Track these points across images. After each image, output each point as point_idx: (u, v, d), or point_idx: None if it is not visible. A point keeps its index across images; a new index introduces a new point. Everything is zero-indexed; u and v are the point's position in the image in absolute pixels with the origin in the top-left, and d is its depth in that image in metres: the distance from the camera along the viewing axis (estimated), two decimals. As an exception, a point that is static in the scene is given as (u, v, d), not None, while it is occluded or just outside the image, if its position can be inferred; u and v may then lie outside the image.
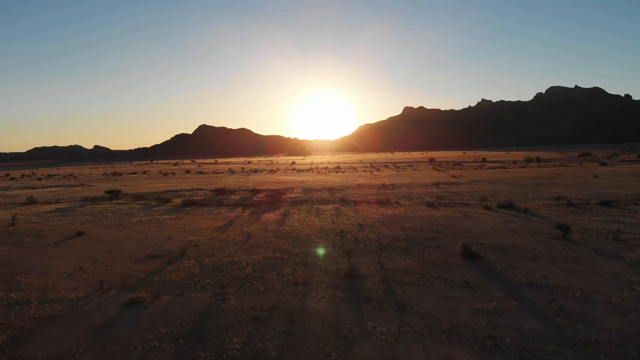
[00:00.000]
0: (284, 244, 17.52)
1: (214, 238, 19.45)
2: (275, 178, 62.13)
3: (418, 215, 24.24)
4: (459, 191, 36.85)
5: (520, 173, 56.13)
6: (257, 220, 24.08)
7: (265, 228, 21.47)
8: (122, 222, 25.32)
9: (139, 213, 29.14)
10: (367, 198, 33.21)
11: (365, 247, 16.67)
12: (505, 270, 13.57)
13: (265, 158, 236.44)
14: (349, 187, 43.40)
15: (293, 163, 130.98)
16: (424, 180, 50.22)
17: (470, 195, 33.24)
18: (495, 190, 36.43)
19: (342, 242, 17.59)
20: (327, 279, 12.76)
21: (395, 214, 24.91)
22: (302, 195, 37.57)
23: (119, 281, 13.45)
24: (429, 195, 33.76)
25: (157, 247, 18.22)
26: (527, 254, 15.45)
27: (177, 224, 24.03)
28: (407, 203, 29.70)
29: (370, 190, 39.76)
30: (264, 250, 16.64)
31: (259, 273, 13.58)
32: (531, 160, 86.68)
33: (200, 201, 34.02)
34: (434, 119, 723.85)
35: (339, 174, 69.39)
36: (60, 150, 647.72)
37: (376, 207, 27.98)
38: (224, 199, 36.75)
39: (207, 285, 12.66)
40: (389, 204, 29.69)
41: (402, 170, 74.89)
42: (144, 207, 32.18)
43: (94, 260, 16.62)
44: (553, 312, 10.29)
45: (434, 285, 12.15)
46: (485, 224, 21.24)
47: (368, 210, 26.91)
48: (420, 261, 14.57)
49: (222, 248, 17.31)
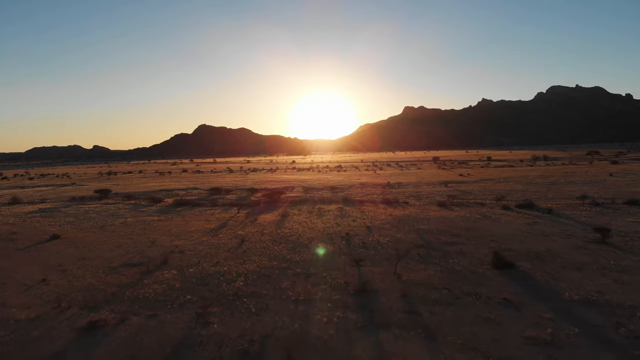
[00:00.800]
0: (283, 250, 15.20)
1: (203, 242, 17.13)
2: (275, 177, 59.81)
3: (431, 216, 21.91)
4: (470, 190, 34.52)
5: (530, 171, 53.79)
6: (253, 222, 21.76)
7: (262, 231, 19.14)
8: (104, 224, 23.01)
9: (125, 214, 26.82)
10: (373, 197, 30.89)
11: (376, 254, 14.34)
12: (547, 282, 11.26)
13: (264, 157, 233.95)
14: (352, 186, 41.07)
15: (293, 162, 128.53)
16: (431, 178, 47.87)
17: (484, 195, 30.92)
18: (508, 189, 34.11)
19: (349, 248, 15.27)
20: (334, 295, 10.44)
21: (406, 214, 22.58)
22: (303, 194, 35.26)
23: (83, 297, 11.15)
24: (439, 195, 31.43)
25: (136, 253, 15.91)
26: (568, 261, 13.14)
27: (164, 226, 21.71)
28: (417, 203, 27.37)
29: (375, 189, 37.43)
30: (258, 257, 14.32)
31: (252, 287, 11.26)
32: (538, 159, 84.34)
33: (193, 201, 31.70)
34: (434, 118, 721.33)
35: (341, 172, 67.05)
36: (60, 150, 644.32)
37: (383, 207, 25.65)
38: (219, 198, 34.43)
39: (188, 303, 10.35)
40: (397, 203, 27.36)
41: (406, 168, 72.50)
42: (132, 208, 29.87)
43: (63, 269, 14.32)
44: (626, 340, 7.99)
45: (467, 304, 9.83)
46: (508, 226, 18.92)
47: (375, 210, 24.58)
48: (444, 271, 12.25)
49: (211, 255, 14.99)
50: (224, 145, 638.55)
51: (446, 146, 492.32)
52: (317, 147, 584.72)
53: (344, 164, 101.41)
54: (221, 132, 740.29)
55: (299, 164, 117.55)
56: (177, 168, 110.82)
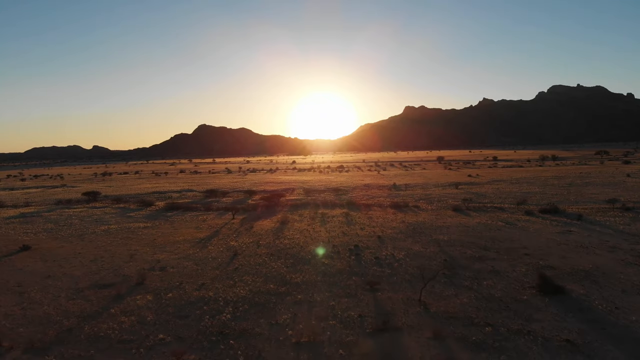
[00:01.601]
0: (281, 268, 12.90)
1: (189, 256, 14.84)
2: (274, 178, 57.49)
3: (449, 223, 19.60)
4: (483, 192, 32.19)
5: (541, 172, 51.42)
6: (248, 230, 19.46)
7: (258, 241, 16.84)
8: (84, 232, 20.72)
9: (110, 219, 24.55)
10: (380, 201, 28.59)
11: (393, 273, 12.04)
12: (612, 314, 8.95)
13: (264, 158, 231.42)
14: (356, 188, 38.76)
15: (293, 162, 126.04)
16: (439, 179, 45.54)
17: (500, 197, 28.61)
18: (524, 192, 31.78)
19: (360, 265, 12.95)
20: (347, 336, 8.14)
21: (420, 221, 20.27)
22: (304, 197, 32.96)
23: (32, 333, 8.87)
24: (451, 197, 29.12)
25: (111, 270, 13.62)
26: (625, 284, 10.84)
27: (149, 234, 19.41)
28: (429, 207, 25.05)
29: (381, 192, 35.11)
30: (252, 277, 12.02)
31: (241, 321, 8.96)
32: (546, 159, 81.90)
33: (186, 205, 29.40)
34: (435, 118, 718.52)
35: (343, 173, 64.72)
36: (59, 150, 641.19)
37: (393, 212, 23.35)
38: (214, 202, 32.14)
39: (158, 345, 8.05)
40: (407, 208, 25.06)
41: (411, 169, 70.12)
42: (119, 212, 27.60)
43: (21, 291, 12.05)
44: None
45: (521, 349, 7.52)
46: (539, 236, 16.62)
47: (384, 216, 22.27)
48: (481, 298, 9.95)
49: (196, 273, 12.70)
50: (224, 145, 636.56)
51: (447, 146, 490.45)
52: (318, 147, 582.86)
53: (345, 164, 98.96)
54: (221, 132, 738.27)
55: (300, 164, 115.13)
56: (174, 169, 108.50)
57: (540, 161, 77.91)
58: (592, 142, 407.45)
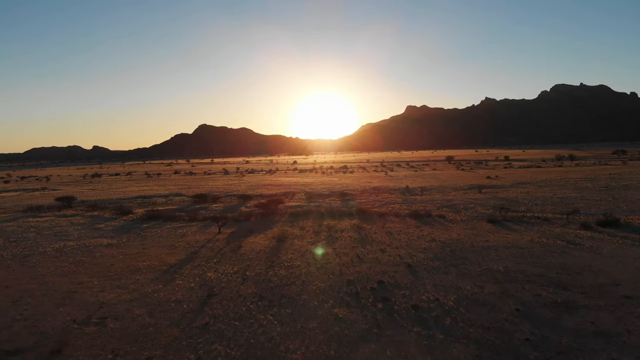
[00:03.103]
0: (272, 327, 8.60)
1: (145, 298, 10.56)
2: (274, 180, 53.19)
3: (492, 241, 15.29)
4: (513, 198, 27.87)
5: (565, 173, 46.99)
6: (234, 252, 15.19)
7: (244, 271, 12.56)
8: (31, 253, 16.48)
9: (72, 234, 20.31)
10: (395, 208, 24.30)
11: (448, 339, 7.72)
12: None
13: (265, 158, 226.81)
14: (364, 192, 34.47)
15: (294, 163, 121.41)
16: (455, 182, 41.18)
17: (536, 204, 24.29)
18: (560, 197, 27.49)
19: (393, 323, 8.63)
20: None
21: (454, 238, 15.97)
22: (306, 203, 28.70)
23: None
24: (479, 204, 24.80)
25: (29, 321, 9.37)
26: None
27: (108, 257, 15.16)
28: (458, 217, 20.75)
29: (394, 196, 30.81)
30: (225, 349, 7.71)
31: None
32: (562, 159, 77.26)
33: (167, 213, 25.14)
34: (437, 117, 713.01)
35: (348, 174, 60.36)
36: (59, 150, 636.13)
37: (415, 225, 19.06)
38: (202, 209, 27.90)
39: None
40: (430, 218, 20.77)
41: (420, 170, 65.57)
42: (88, 223, 23.38)
43: None
44: None
45: None
46: (620, 262, 12.33)
47: (405, 230, 17.97)
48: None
49: (145, 334, 8.42)
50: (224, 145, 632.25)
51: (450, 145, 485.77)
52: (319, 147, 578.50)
53: (349, 164, 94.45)
54: (222, 132, 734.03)
55: (301, 164, 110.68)
56: (170, 169, 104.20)
57: (557, 161, 73.41)
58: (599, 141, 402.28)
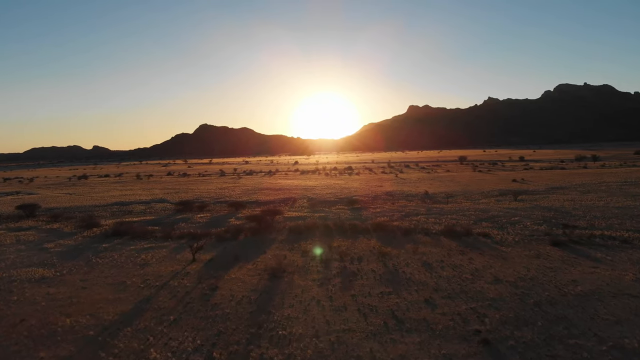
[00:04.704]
0: None
1: None
2: (273, 183, 48.25)
3: (581, 282, 10.41)
4: (559, 207, 22.95)
5: (599, 176, 41.89)
6: (205, 300, 10.31)
7: (210, 350, 7.69)
8: None
9: (8, 257, 15.58)
10: (421, 221, 19.38)
11: None
12: None
13: (265, 158, 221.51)
14: (377, 198, 29.60)
15: (296, 163, 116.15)
16: (479, 186, 36.18)
17: (596, 217, 19.37)
18: (614, 206, 22.60)
19: None
20: None
21: (524, 276, 11.08)
22: (309, 213, 23.85)
23: None
24: (525, 217, 19.86)
25: None
26: None
27: (28, 302, 10.34)
28: (508, 237, 15.85)
29: (413, 204, 25.91)
30: None
31: None
32: (583, 159, 72.00)
33: (138, 228, 20.23)
34: (439, 117, 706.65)
35: (354, 176, 55.36)
36: (59, 150, 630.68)
37: (458, 249, 14.18)
38: (184, 219, 23.05)
39: None
40: (471, 237, 15.89)
41: (432, 171, 60.38)
42: (37, 241, 18.60)
43: None
44: None
45: None
46: None
47: (447, 258, 13.09)
48: None
49: None
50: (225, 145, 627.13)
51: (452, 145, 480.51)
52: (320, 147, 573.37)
53: (353, 165, 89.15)
54: (223, 131, 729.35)
55: (303, 164, 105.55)
56: (164, 170, 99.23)
57: (578, 162, 68.30)
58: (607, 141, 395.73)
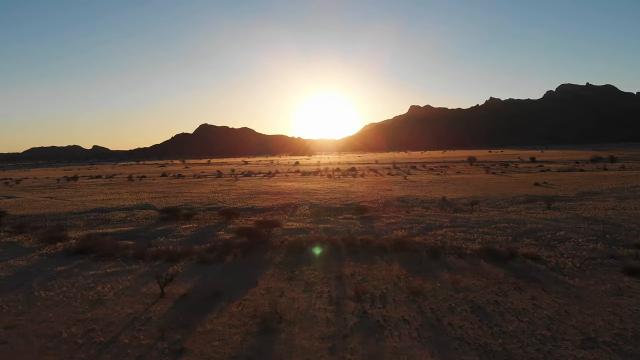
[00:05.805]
0: None
1: None
2: (272, 185, 44.82)
3: None
4: (603, 217, 19.62)
5: (627, 179, 38.45)
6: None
7: None
8: None
9: None
10: (448, 236, 16.03)
11: None
12: None
13: (265, 158, 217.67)
14: (388, 204, 26.25)
15: (297, 164, 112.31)
16: (499, 190, 32.72)
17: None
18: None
19: None
20: None
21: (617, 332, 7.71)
22: (312, 224, 20.48)
23: None
24: (570, 230, 16.49)
25: None
26: None
27: None
28: (565, 261, 12.50)
29: (433, 213, 22.53)
30: None
31: None
32: (599, 160, 68.34)
33: (106, 245, 16.86)
34: (441, 117, 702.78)
35: (358, 178, 51.88)
36: (59, 150, 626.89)
37: (509, 282, 10.85)
38: (166, 231, 19.70)
39: None
40: (518, 260, 12.55)
41: (442, 173, 56.71)
42: (-21, 261, 15.24)
43: None
44: None
45: None
46: None
47: (502, 297, 9.78)
48: None
49: None
50: (226, 145, 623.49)
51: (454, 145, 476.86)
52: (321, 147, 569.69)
53: (356, 165, 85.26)
54: (223, 131, 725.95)
55: (304, 165, 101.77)
56: (160, 171, 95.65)
57: (594, 163, 64.73)
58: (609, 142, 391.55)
